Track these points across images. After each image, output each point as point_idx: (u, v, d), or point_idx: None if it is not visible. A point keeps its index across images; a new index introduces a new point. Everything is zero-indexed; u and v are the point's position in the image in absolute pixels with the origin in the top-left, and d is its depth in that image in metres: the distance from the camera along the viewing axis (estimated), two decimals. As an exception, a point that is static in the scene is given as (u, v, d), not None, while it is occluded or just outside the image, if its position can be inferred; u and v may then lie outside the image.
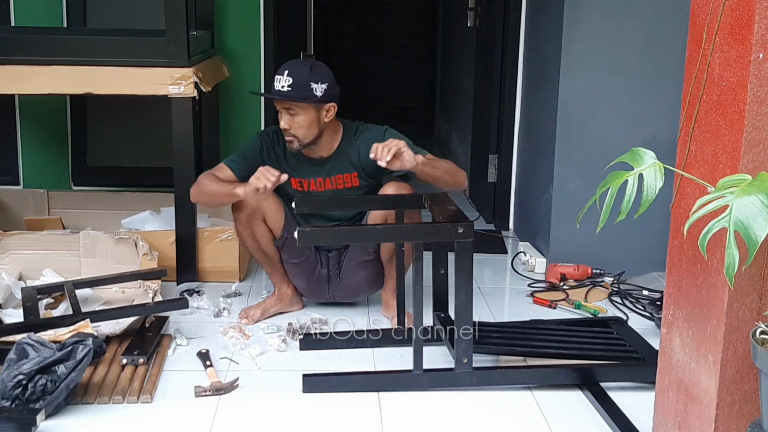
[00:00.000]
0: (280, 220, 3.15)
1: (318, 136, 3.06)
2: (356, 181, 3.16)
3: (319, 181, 3.17)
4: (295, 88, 2.96)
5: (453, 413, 2.60)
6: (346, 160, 3.13)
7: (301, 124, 3.02)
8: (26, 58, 3.44)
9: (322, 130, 3.06)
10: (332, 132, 3.12)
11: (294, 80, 2.96)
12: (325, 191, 3.18)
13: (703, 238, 1.63)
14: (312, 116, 3.01)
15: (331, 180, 3.16)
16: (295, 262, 3.24)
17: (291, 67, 3.01)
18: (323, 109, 3.03)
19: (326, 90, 3.00)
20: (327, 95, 3.01)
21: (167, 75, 3.42)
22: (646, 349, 2.91)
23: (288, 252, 3.21)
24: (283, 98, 2.98)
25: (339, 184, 3.16)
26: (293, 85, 2.96)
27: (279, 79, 2.98)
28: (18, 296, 3.27)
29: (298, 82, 2.96)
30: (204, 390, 2.67)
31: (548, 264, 3.88)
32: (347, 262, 3.28)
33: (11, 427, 2.33)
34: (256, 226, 3.12)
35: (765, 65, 1.78)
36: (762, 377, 1.74)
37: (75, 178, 4.59)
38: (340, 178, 3.15)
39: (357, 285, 3.33)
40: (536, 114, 4.23)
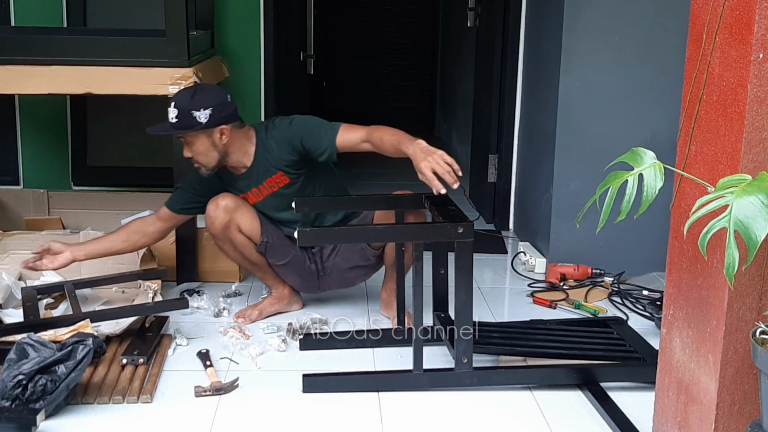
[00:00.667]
0: (256, 226, 3.13)
1: (222, 157, 3.04)
2: (286, 179, 3.12)
3: (254, 192, 3.16)
4: (180, 118, 2.94)
5: (453, 413, 2.60)
6: (266, 164, 3.09)
7: (199, 151, 3.00)
8: (26, 58, 3.44)
9: (223, 152, 3.03)
10: (243, 144, 3.08)
11: (178, 111, 2.94)
12: (264, 199, 3.16)
13: (703, 238, 1.63)
14: (205, 142, 2.99)
15: (264, 186, 3.13)
16: (282, 263, 3.24)
17: (176, 97, 2.99)
18: (214, 134, 2.98)
19: (211, 115, 2.94)
20: (213, 120, 2.95)
21: (167, 75, 3.41)
22: (646, 349, 2.91)
23: (272, 255, 3.20)
24: (169, 132, 3.00)
25: (272, 187, 3.13)
26: (178, 116, 2.94)
27: (169, 111, 2.96)
28: (18, 296, 3.26)
29: (181, 112, 2.94)
30: (204, 390, 2.67)
31: (548, 264, 3.88)
32: (341, 260, 3.27)
33: (11, 427, 2.33)
34: (235, 237, 3.11)
35: (765, 65, 1.78)
36: (762, 377, 1.74)
37: (75, 178, 4.59)
38: (269, 182, 3.12)
39: (349, 275, 3.33)
40: (536, 114, 4.23)
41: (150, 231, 3.24)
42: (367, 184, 5.22)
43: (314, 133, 3.01)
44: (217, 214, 3.07)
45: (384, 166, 6.00)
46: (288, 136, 3.05)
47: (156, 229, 3.25)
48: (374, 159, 3.38)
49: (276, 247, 3.18)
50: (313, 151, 3.01)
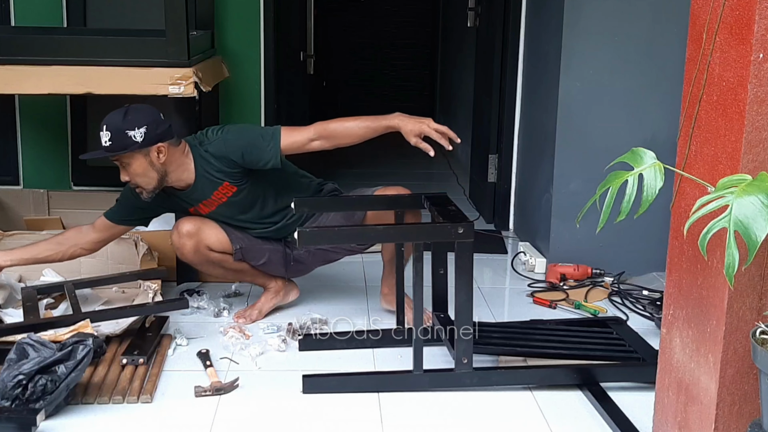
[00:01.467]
0: (224, 239, 3.12)
1: (162, 176, 2.98)
2: (233, 188, 3.08)
3: (206, 203, 3.11)
4: (114, 140, 2.87)
5: (453, 413, 2.60)
6: (210, 177, 3.04)
7: (137, 173, 2.93)
8: (26, 58, 3.44)
9: (162, 171, 2.96)
10: (182, 161, 3.01)
11: (112, 133, 2.87)
12: (217, 208, 3.12)
13: (703, 238, 1.63)
14: (143, 162, 2.92)
15: (212, 199, 3.09)
16: (263, 263, 3.23)
17: (107, 120, 2.91)
18: (151, 152, 2.91)
19: (146, 133, 2.87)
20: (149, 138, 2.88)
21: (167, 75, 3.41)
22: (645, 349, 2.91)
23: (251, 258, 3.19)
24: (104, 155, 2.90)
25: (221, 198, 3.09)
26: (112, 138, 2.87)
27: (101, 135, 2.89)
28: (18, 296, 3.27)
29: (115, 134, 2.87)
30: (204, 390, 2.67)
31: (548, 264, 3.88)
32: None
33: (11, 427, 2.33)
34: (209, 256, 3.11)
35: (765, 65, 1.79)
36: (762, 377, 1.74)
37: (75, 178, 4.59)
38: (217, 194, 3.08)
39: (333, 253, 3.31)
40: (536, 114, 4.23)
41: (84, 241, 3.17)
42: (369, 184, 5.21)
43: (255, 145, 2.97)
44: (183, 242, 3.06)
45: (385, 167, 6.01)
46: (225, 151, 3.00)
47: (91, 239, 3.17)
48: (375, 159, 3.37)
49: (250, 249, 3.17)
50: (256, 164, 2.98)
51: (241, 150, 2.98)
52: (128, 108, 2.95)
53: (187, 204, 3.13)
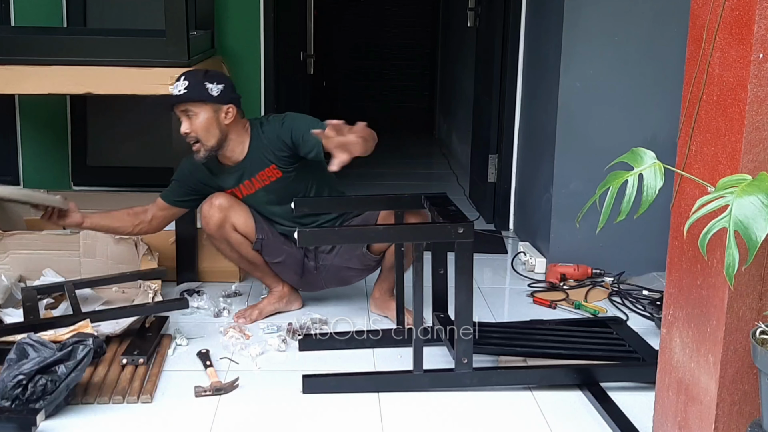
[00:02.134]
0: (251, 224, 3.14)
1: (222, 138, 3.04)
2: (278, 173, 3.12)
3: (246, 184, 3.15)
4: (191, 89, 2.96)
5: (453, 414, 2.60)
6: (261, 157, 3.10)
7: (202, 126, 2.99)
8: (26, 58, 3.44)
9: (224, 133, 3.04)
10: (240, 134, 3.10)
11: (189, 83, 2.97)
12: (256, 192, 3.15)
13: (703, 238, 1.63)
14: (210, 117, 2.99)
15: (256, 179, 3.13)
16: (278, 261, 3.24)
17: (186, 73, 3.04)
18: (221, 110, 3.01)
19: (223, 90, 2.99)
20: (224, 96, 3.00)
21: (167, 75, 3.41)
22: (645, 349, 2.91)
23: (268, 253, 3.20)
24: (179, 101, 2.98)
25: (264, 180, 3.14)
26: (188, 87, 2.96)
27: (176, 86, 2.98)
28: (18, 296, 3.27)
29: (193, 83, 2.97)
30: (204, 390, 2.67)
31: (548, 264, 3.88)
32: (337, 260, 3.26)
33: (11, 427, 2.33)
34: (230, 236, 3.12)
35: (765, 65, 1.79)
36: (762, 377, 1.74)
37: (75, 178, 4.59)
38: (262, 175, 3.13)
39: (347, 274, 3.31)
40: (536, 114, 4.23)
41: (148, 218, 3.23)
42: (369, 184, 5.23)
43: (303, 130, 3.01)
44: (212, 213, 3.09)
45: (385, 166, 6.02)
46: (280, 132, 3.07)
47: (153, 217, 3.23)
48: (375, 159, 3.37)
49: (271, 244, 3.18)
50: (301, 148, 3.02)
51: (291, 131, 3.04)
52: (207, 69, 3.14)
53: (228, 183, 3.16)
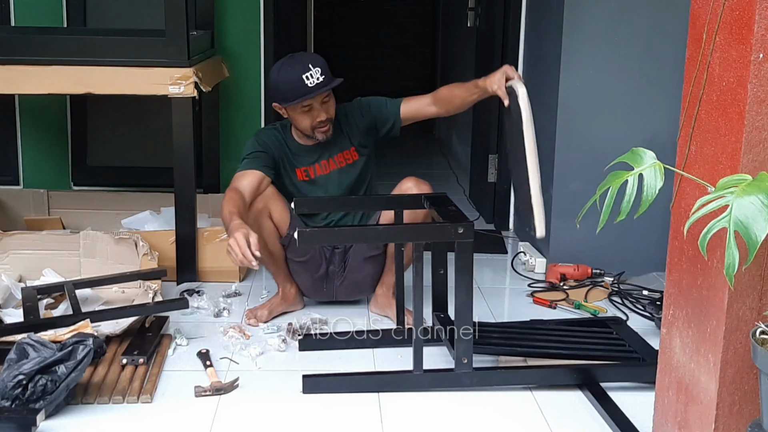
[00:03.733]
0: (286, 218, 3.17)
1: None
2: (356, 155, 3.23)
3: (323, 164, 3.21)
4: (326, 74, 3.05)
5: (453, 414, 2.60)
6: (342, 137, 3.21)
7: (334, 105, 3.13)
8: (26, 58, 3.44)
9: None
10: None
11: (321, 68, 3.04)
12: (330, 173, 3.22)
13: (703, 238, 1.63)
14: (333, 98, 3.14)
15: (334, 160, 3.21)
16: (300, 260, 3.24)
17: (310, 59, 3.07)
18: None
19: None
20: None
21: (167, 75, 3.42)
22: (645, 349, 2.91)
23: (293, 250, 3.21)
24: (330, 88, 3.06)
25: (341, 162, 3.21)
26: (325, 73, 3.04)
27: (311, 74, 3.02)
28: (18, 296, 3.27)
29: (324, 68, 3.05)
30: (204, 390, 2.67)
31: (548, 264, 3.88)
32: (353, 257, 3.28)
33: (11, 427, 2.33)
34: (264, 223, 3.12)
35: (765, 65, 1.78)
36: (762, 377, 1.74)
37: (75, 178, 4.59)
38: (341, 156, 3.21)
39: (361, 282, 3.34)
40: (536, 114, 4.22)
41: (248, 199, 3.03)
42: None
43: (381, 107, 3.22)
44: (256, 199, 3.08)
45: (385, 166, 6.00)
46: (363, 110, 3.23)
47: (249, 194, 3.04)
48: (376, 159, 3.38)
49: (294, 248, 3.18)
50: (380, 126, 3.21)
51: (369, 109, 3.23)
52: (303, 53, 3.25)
53: (309, 159, 3.21)
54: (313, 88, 3.01)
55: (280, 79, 3.06)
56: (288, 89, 3.03)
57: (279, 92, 3.08)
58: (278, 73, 3.08)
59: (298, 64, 3.04)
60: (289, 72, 3.04)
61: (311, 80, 3.01)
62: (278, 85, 3.07)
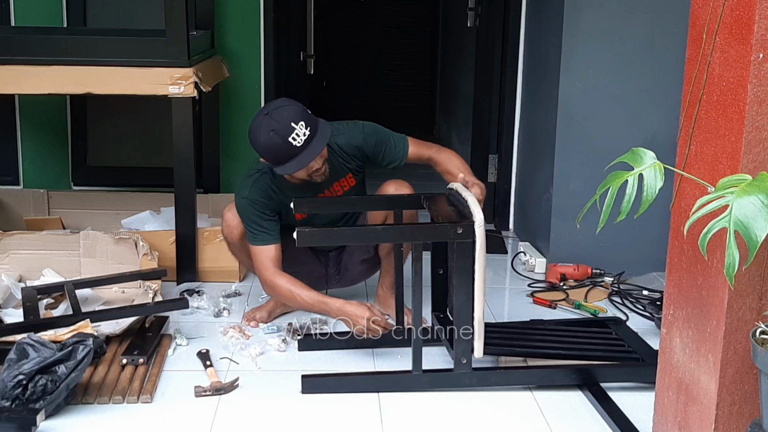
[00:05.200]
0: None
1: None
2: (353, 181, 3.16)
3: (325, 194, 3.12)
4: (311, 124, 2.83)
5: (453, 414, 2.60)
6: (338, 167, 3.07)
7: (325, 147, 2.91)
8: (26, 58, 3.44)
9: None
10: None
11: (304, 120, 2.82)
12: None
13: (703, 238, 1.63)
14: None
15: (331, 191, 3.12)
16: (295, 272, 3.24)
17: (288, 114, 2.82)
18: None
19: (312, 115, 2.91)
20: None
21: (167, 75, 3.42)
22: (644, 349, 2.91)
23: (286, 263, 3.19)
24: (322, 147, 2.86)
25: (338, 191, 3.13)
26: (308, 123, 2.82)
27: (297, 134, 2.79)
28: (18, 296, 3.26)
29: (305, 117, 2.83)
30: (204, 390, 2.67)
31: (548, 264, 3.88)
32: (347, 258, 3.29)
33: (11, 427, 2.33)
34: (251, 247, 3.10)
35: (765, 65, 1.78)
36: (762, 377, 1.74)
37: (75, 178, 4.59)
38: (338, 185, 3.12)
39: (356, 277, 3.38)
40: (536, 114, 4.23)
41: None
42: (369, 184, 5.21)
43: (387, 144, 3.08)
44: (236, 224, 3.06)
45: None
46: (362, 142, 3.06)
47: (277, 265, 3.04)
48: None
49: (290, 255, 3.16)
50: (383, 161, 3.08)
51: (374, 144, 3.08)
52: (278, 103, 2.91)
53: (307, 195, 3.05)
54: (303, 147, 2.80)
55: (264, 145, 2.83)
56: (277, 155, 2.83)
57: (268, 157, 2.88)
58: (259, 138, 2.83)
59: (280, 127, 2.79)
60: (272, 137, 2.79)
61: (298, 140, 2.79)
62: (264, 151, 2.86)
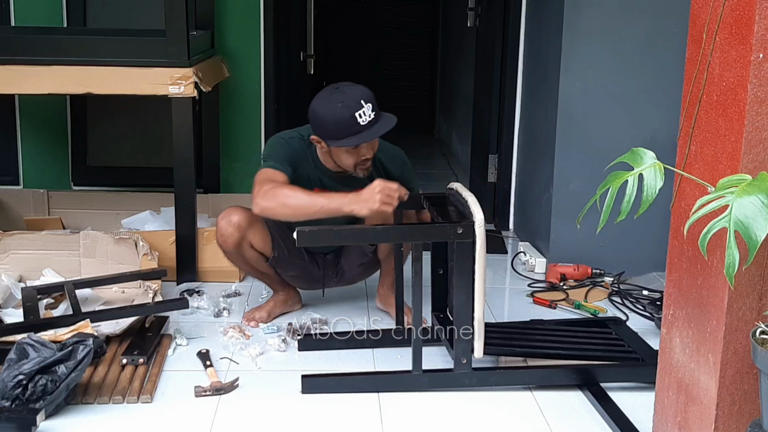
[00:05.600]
0: (268, 241, 3.11)
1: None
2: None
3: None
4: (376, 109, 2.82)
5: (453, 414, 2.60)
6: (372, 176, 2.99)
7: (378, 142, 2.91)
8: (26, 58, 3.44)
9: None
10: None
11: (372, 103, 2.81)
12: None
13: (704, 238, 1.63)
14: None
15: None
16: (292, 275, 3.24)
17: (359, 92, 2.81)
18: None
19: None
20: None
21: (167, 75, 3.42)
22: (644, 349, 2.91)
23: (283, 267, 3.20)
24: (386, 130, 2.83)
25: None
26: (374, 107, 2.81)
27: (364, 112, 2.78)
28: (18, 296, 3.27)
29: (374, 102, 2.82)
30: (204, 390, 2.67)
31: (548, 264, 3.88)
32: (345, 263, 3.28)
33: (11, 427, 2.33)
34: (246, 252, 3.09)
35: (765, 65, 1.79)
36: (762, 377, 1.74)
37: (75, 178, 4.59)
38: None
39: (355, 279, 3.37)
40: (536, 114, 4.23)
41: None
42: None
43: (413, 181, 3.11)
44: (231, 232, 3.02)
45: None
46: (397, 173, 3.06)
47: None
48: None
49: (286, 259, 3.17)
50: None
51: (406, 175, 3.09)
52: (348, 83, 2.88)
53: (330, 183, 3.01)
54: (366, 127, 2.77)
55: (328, 115, 2.79)
56: (338, 128, 2.78)
57: (325, 130, 2.82)
58: (325, 108, 2.80)
59: (349, 100, 2.77)
60: (339, 109, 2.77)
61: (364, 118, 2.77)
62: (325, 122, 2.80)
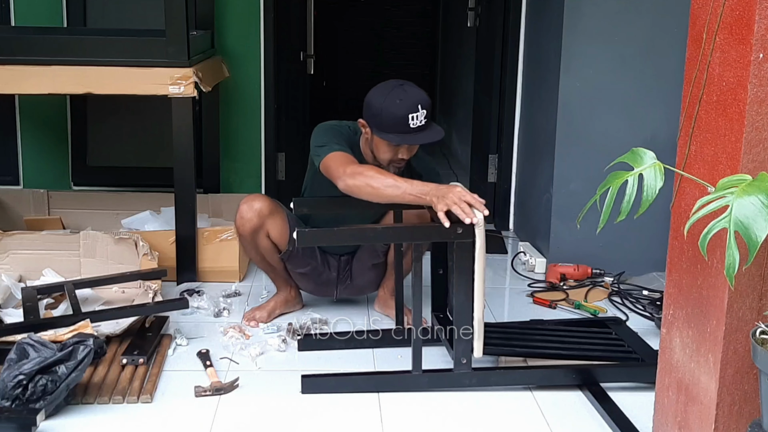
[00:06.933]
0: (286, 234, 3.11)
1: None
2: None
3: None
4: (428, 117, 2.87)
5: (453, 414, 2.60)
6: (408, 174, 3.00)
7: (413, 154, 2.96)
8: (26, 58, 3.44)
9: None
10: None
11: (427, 110, 2.86)
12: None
13: (704, 238, 1.63)
14: None
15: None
16: (302, 272, 3.24)
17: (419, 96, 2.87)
18: None
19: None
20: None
21: (167, 75, 3.42)
22: (644, 349, 2.91)
23: (294, 263, 3.20)
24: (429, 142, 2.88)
25: None
26: (428, 115, 2.86)
27: (417, 116, 2.84)
28: (18, 296, 3.27)
29: (429, 109, 2.88)
30: (204, 390, 2.67)
31: (548, 264, 3.88)
32: (357, 264, 3.28)
33: (11, 427, 2.33)
34: (261, 241, 3.09)
35: (765, 65, 1.79)
36: (762, 377, 1.74)
37: (75, 178, 4.59)
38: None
39: (366, 285, 3.35)
40: (536, 114, 4.23)
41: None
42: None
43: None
44: (250, 217, 3.03)
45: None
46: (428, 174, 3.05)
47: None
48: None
49: (299, 256, 3.16)
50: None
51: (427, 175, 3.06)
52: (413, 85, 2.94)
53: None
54: (414, 131, 2.84)
55: (384, 108, 2.85)
56: (388, 122, 2.84)
57: (376, 119, 2.88)
58: (384, 100, 2.87)
59: (408, 100, 2.84)
60: (397, 105, 2.84)
61: (415, 121, 2.83)
62: (380, 112, 2.86)
